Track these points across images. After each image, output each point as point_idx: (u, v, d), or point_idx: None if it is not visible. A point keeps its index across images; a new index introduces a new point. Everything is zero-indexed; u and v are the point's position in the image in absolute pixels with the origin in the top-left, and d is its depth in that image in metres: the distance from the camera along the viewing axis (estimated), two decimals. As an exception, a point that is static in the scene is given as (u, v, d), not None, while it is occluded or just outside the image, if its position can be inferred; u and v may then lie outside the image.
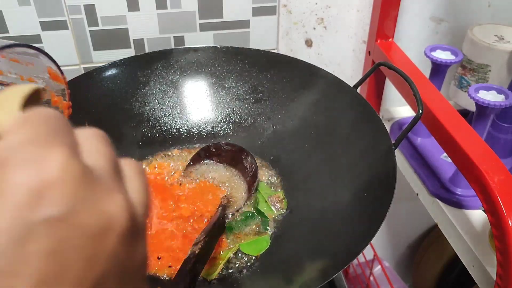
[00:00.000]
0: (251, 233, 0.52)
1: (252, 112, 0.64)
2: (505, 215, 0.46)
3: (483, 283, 0.56)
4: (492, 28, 0.73)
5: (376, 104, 0.81)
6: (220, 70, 0.65)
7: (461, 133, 0.55)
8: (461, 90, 0.75)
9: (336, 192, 0.52)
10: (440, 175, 0.68)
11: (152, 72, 0.63)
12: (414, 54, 0.74)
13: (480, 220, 0.61)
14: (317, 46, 0.79)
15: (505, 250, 0.46)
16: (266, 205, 0.55)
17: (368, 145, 0.52)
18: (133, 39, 0.71)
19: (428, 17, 0.80)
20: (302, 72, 0.62)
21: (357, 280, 1.01)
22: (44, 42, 0.68)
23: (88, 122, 0.59)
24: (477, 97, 0.59)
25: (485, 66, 0.70)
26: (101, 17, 0.68)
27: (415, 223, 1.12)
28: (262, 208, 0.54)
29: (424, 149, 0.73)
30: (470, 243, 0.58)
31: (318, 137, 0.58)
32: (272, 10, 0.72)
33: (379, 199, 0.45)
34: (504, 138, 0.67)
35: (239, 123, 0.64)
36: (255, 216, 0.54)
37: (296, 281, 0.44)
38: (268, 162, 0.60)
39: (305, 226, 0.51)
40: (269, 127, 0.62)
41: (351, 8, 0.76)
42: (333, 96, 0.59)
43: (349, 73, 0.83)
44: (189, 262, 0.42)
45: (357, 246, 0.41)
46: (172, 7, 0.69)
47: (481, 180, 0.49)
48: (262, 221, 0.53)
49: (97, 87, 0.60)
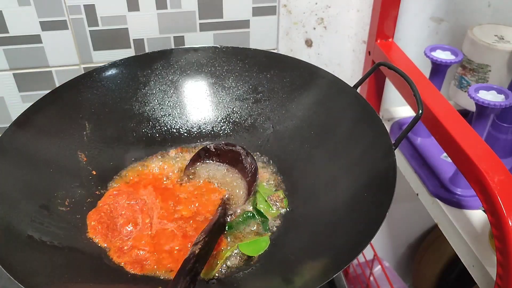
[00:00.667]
0: (251, 233, 0.52)
1: (252, 112, 0.64)
2: (505, 215, 0.46)
3: (483, 283, 0.56)
4: (492, 28, 0.73)
5: (376, 104, 0.82)
6: (220, 70, 0.65)
7: (461, 133, 0.55)
8: (461, 90, 0.75)
9: (336, 192, 0.52)
10: (440, 175, 0.68)
11: (152, 72, 0.63)
12: (414, 54, 0.74)
13: (480, 220, 0.61)
14: (317, 46, 0.79)
15: (505, 250, 0.46)
16: (266, 204, 0.55)
17: (368, 145, 0.52)
18: (133, 39, 0.71)
19: (428, 17, 0.80)
20: (302, 72, 0.62)
21: (357, 280, 1.01)
22: (44, 42, 0.68)
23: (88, 122, 0.59)
24: (477, 97, 0.59)
25: (485, 66, 0.70)
26: (101, 17, 0.68)
27: (415, 223, 1.12)
28: (262, 208, 0.54)
29: (424, 149, 0.73)
30: (470, 243, 0.58)
31: (318, 137, 0.58)
32: (272, 10, 0.72)
33: (379, 199, 0.45)
34: (504, 138, 0.67)
35: (239, 123, 0.64)
36: (255, 217, 0.54)
37: (295, 281, 0.44)
38: (268, 162, 0.60)
39: (305, 226, 0.51)
40: (269, 127, 0.62)
41: (351, 8, 0.76)
42: (333, 96, 0.59)
43: (349, 73, 0.83)
44: (189, 262, 0.42)
45: (357, 246, 0.41)
46: (172, 7, 0.69)
47: (481, 180, 0.49)
48: (262, 221, 0.53)
49: (97, 87, 0.60)
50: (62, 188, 0.52)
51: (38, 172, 0.52)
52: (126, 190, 0.55)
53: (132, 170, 0.59)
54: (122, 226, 0.52)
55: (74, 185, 0.54)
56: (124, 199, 0.54)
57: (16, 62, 0.69)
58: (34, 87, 0.72)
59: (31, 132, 0.53)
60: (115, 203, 0.54)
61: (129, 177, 0.58)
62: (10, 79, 0.70)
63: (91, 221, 0.52)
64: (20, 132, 0.52)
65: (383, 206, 0.43)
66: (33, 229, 0.46)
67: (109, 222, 0.52)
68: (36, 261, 0.43)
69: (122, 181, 0.58)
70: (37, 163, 0.52)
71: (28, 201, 0.48)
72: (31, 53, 0.69)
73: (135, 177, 0.58)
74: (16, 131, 0.52)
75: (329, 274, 0.41)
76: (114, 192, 0.55)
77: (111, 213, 0.53)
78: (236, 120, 0.64)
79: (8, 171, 0.49)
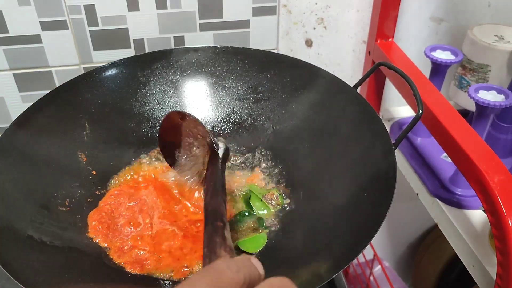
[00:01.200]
0: (248, 231, 0.52)
1: (252, 112, 0.64)
2: (505, 215, 0.46)
3: (483, 283, 0.56)
4: (492, 28, 0.73)
5: (376, 104, 0.82)
6: (220, 70, 0.65)
7: (461, 133, 0.55)
8: (461, 90, 0.75)
9: (336, 192, 0.52)
10: (440, 175, 0.68)
11: (152, 72, 0.63)
12: (414, 54, 0.74)
13: (480, 220, 0.61)
14: (317, 46, 0.79)
15: (505, 250, 0.46)
16: (262, 203, 0.55)
17: (368, 145, 0.52)
18: (133, 39, 0.71)
19: (428, 17, 0.80)
20: (302, 72, 0.62)
21: (357, 280, 1.01)
22: (44, 42, 0.68)
23: (88, 122, 0.59)
24: (477, 97, 0.59)
25: (485, 66, 0.70)
26: (101, 17, 0.68)
27: (415, 223, 1.12)
28: (259, 208, 0.54)
29: (424, 149, 0.73)
30: (470, 243, 0.58)
31: (318, 137, 0.58)
32: (272, 10, 0.72)
33: (379, 199, 0.45)
34: (504, 138, 0.67)
35: (239, 123, 0.64)
36: (251, 214, 0.54)
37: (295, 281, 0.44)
38: (268, 162, 0.60)
39: (305, 226, 0.51)
40: (269, 127, 0.62)
41: (351, 8, 0.76)
42: (333, 96, 0.59)
43: (349, 73, 0.83)
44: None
45: (357, 246, 0.41)
46: (172, 7, 0.69)
47: (481, 180, 0.49)
48: (257, 219, 0.53)
49: (97, 87, 0.60)
50: (62, 188, 0.52)
51: (38, 172, 0.52)
52: (127, 190, 0.55)
53: (132, 170, 0.59)
54: (122, 226, 0.52)
55: (74, 185, 0.54)
56: (126, 200, 0.54)
57: (16, 62, 0.69)
58: (34, 87, 0.72)
59: (31, 132, 0.53)
60: (116, 203, 0.54)
61: (129, 177, 0.58)
62: (10, 79, 0.70)
63: (92, 221, 0.52)
64: (20, 132, 0.52)
65: (383, 206, 0.43)
66: (33, 229, 0.46)
67: (110, 222, 0.52)
68: (36, 261, 0.43)
69: (122, 181, 0.58)
70: (37, 163, 0.52)
71: (28, 201, 0.48)
72: (31, 53, 0.69)
73: (135, 177, 0.58)
74: (16, 131, 0.52)
75: (329, 274, 0.41)
76: (115, 192, 0.55)
77: (112, 213, 0.53)
78: (236, 120, 0.64)
79: (8, 171, 0.49)
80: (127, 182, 0.57)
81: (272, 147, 0.61)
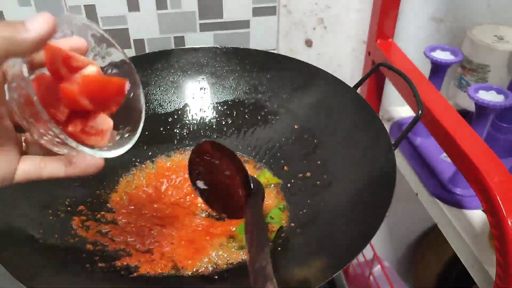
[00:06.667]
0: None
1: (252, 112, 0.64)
2: (505, 215, 0.46)
3: (483, 283, 0.56)
4: (491, 28, 0.73)
5: (376, 104, 0.82)
6: (220, 70, 0.65)
7: (461, 133, 0.55)
8: (460, 90, 0.75)
9: (336, 192, 0.52)
10: (440, 175, 0.68)
11: (152, 72, 0.63)
12: (414, 54, 0.74)
13: (480, 220, 0.61)
14: (317, 46, 0.79)
15: (504, 250, 0.46)
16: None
17: (368, 145, 0.52)
18: (133, 39, 0.71)
19: (428, 17, 0.80)
20: (302, 72, 0.62)
21: (357, 280, 1.01)
22: (44, 42, 0.68)
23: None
24: (476, 97, 0.59)
25: (485, 66, 0.70)
26: (101, 17, 0.68)
27: (415, 223, 1.12)
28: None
29: (424, 149, 0.73)
30: (470, 243, 0.58)
31: (318, 138, 0.58)
32: (272, 10, 0.72)
33: (379, 199, 0.45)
34: (504, 138, 0.67)
35: (239, 123, 0.64)
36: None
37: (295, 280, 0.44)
38: (268, 162, 0.60)
39: (305, 225, 0.51)
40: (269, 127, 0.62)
41: (351, 8, 0.76)
42: (333, 97, 0.59)
43: (349, 74, 0.83)
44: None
45: (357, 246, 0.41)
46: (172, 7, 0.69)
47: (480, 180, 0.49)
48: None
49: (97, 87, 0.60)
50: (62, 188, 0.52)
51: (38, 172, 0.52)
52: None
53: (132, 170, 0.59)
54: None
55: (74, 185, 0.54)
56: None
57: (16, 62, 0.69)
58: (34, 87, 0.72)
59: (32, 132, 0.53)
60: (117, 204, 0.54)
61: (129, 177, 0.58)
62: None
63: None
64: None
65: (383, 206, 0.43)
66: (33, 229, 0.46)
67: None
68: (36, 261, 0.43)
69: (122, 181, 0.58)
70: (38, 163, 0.52)
71: (28, 201, 0.48)
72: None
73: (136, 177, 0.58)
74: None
75: (328, 274, 0.41)
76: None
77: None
78: (237, 121, 0.64)
79: (9, 171, 0.49)
80: (127, 181, 0.58)
81: (272, 147, 0.61)
